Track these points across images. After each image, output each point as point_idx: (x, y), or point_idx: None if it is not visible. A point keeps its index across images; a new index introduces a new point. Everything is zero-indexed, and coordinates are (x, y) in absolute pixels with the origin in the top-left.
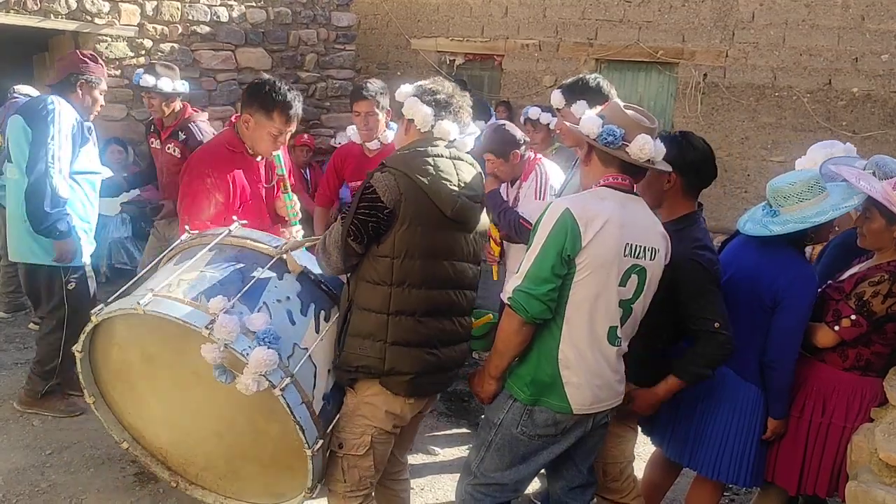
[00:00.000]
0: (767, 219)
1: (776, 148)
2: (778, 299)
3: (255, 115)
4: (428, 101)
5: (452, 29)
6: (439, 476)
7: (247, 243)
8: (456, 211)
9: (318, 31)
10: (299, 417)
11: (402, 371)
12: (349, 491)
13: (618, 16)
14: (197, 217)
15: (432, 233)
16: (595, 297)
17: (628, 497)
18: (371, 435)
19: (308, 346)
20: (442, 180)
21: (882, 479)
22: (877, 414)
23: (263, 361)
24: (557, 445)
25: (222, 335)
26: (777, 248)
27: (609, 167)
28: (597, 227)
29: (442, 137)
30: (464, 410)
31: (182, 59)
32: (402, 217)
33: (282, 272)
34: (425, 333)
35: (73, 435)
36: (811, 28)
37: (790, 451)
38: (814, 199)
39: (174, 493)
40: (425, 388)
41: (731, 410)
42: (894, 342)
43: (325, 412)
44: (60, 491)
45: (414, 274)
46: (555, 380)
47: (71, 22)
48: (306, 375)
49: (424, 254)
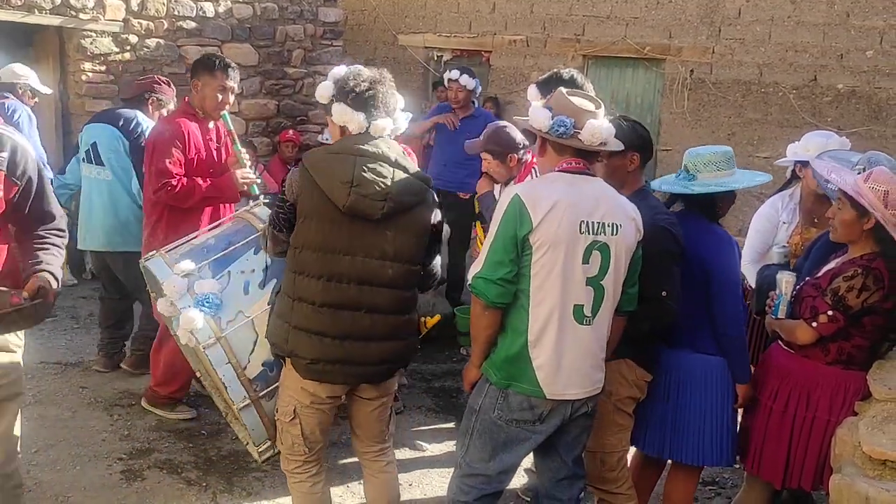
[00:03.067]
0: (687, 182)
1: (762, 144)
2: (707, 271)
3: (202, 78)
4: (356, 104)
5: (440, 25)
6: (427, 472)
7: (251, 218)
8: (349, 206)
9: (305, 26)
10: (222, 375)
11: (300, 355)
12: (287, 453)
13: (605, 12)
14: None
15: (328, 227)
16: (555, 275)
17: (622, 487)
18: (294, 405)
19: (251, 315)
20: (337, 176)
21: (865, 472)
22: (860, 408)
23: (189, 319)
24: (537, 434)
25: (169, 292)
26: (689, 221)
27: (563, 155)
28: (546, 207)
29: (378, 135)
30: (452, 406)
31: (168, 54)
32: (300, 210)
33: (260, 247)
34: (323, 323)
35: (59, 433)
36: (797, 24)
37: (775, 444)
38: (727, 171)
39: (161, 490)
40: (326, 376)
41: (702, 389)
42: (874, 335)
43: (265, 377)
44: (46, 489)
45: (310, 265)
46: (524, 361)
47: (55, 17)
48: (243, 341)
49: (319, 247)
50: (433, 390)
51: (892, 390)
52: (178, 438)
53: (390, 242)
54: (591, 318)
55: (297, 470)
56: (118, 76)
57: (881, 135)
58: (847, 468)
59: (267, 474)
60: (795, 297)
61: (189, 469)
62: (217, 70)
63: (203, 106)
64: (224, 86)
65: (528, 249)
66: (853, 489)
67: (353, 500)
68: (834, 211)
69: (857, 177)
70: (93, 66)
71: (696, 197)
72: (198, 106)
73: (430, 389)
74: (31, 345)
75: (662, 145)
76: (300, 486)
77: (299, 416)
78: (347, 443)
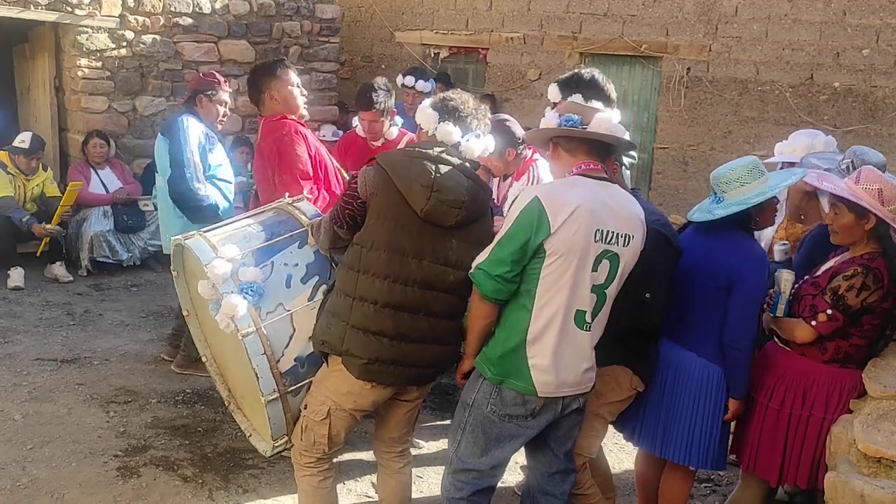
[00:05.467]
0: (713, 206)
1: (759, 142)
2: (731, 280)
3: (273, 84)
4: (436, 107)
5: (437, 22)
6: (424, 469)
7: (295, 212)
8: (427, 211)
9: (301, 23)
10: (256, 365)
11: (356, 354)
12: (304, 449)
13: (602, 9)
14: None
15: (401, 229)
16: (565, 281)
17: (583, 488)
18: (329, 407)
19: (292, 310)
20: (417, 179)
21: (860, 469)
22: (856, 405)
23: (232, 306)
24: (529, 429)
25: (213, 275)
26: (725, 232)
27: (576, 155)
28: (566, 213)
29: (444, 140)
30: (448, 404)
31: (164, 50)
32: (372, 209)
33: (304, 242)
34: (383, 323)
35: (55, 429)
36: (793, 23)
37: (771, 442)
38: (753, 183)
39: (157, 486)
40: (380, 377)
41: (697, 394)
42: (871, 334)
43: (295, 372)
44: (42, 486)
45: (378, 265)
46: (520, 358)
47: (51, 13)
48: (280, 333)
49: (390, 248)
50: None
51: (887, 388)
52: (175, 435)
53: (454, 250)
54: (591, 325)
55: (309, 464)
56: (114, 72)
57: (877, 133)
58: (842, 466)
59: (263, 471)
60: (794, 295)
61: (185, 466)
62: (279, 69)
63: (290, 110)
64: (294, 82)
65: (542, 254)
66: (848, 487)
67: (350, 499)
68: (831, 217)
69: (846, 180)
70: (89, 63)
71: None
72: (281, 111)
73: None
74: (26, 342)
75: (659, 143)
76: (310, 480)
77: (332, 418)
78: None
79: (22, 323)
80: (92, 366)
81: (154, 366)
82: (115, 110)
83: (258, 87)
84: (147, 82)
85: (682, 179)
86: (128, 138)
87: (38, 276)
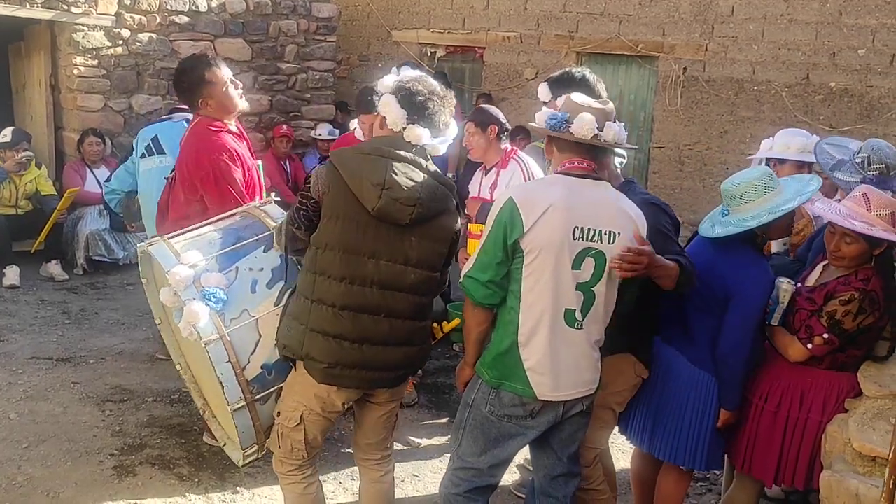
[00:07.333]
0: (720, 218)
1: (755, 142)
2: (729, 295)
3: (206, 91)
4: (403, 102)
5: (433, 21)
6: (420, 468)
7: (261, 215)
8: (379, 209)
9: (298, 21)
10: (220, 373)
11: (316, 358)
12: (284, 457)
13: (598, 9)
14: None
15: (354, 228)
16: (546, 279)
17: (594, 483)
18: (301, 412)
19: (257, 315)
20: (368, 177)
21: (856, 468)
22: (851, 405)
23: (194, 313)
24: (529, 430)
25: (174, 281)
26: (733, 246)
27: (565, 153)
28: (539, 212)
29: (412, 141)
30: (444, 402)
31: (160, 49)
32: (325, 209)
33: (270, 246)
34: (343, 326)
35: (51, 428)
36: (789, 23)
37: (767, 444)
38: (758, 199)
39: (153, 485)
40: (343, 381)
41: (686, 396)
42: (867, 345)
43: (263, 380)
44: (38, 485)
45: (333, 266)
46: (515, 360)
47: (47, 11)
48: (245, 340)
49: (344, 248)
50: (426, 387)
51: (882, 388)
52: (170, 434)
53: (414, 248)
54: (582, 322)
55: (292, 472)
56: (110, 71)
57: (873, 133)
58: (837, 465)
59: (259, 470)
60: (788, 306)
61: (181, 465)
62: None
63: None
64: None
65: (520, 253)
66: (843, 485)
67: (345, 497)
68: (838, 244)
69: (856, 204)
70: (84, 61)
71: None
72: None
73: (423, 386)
74: (22, 340)
75: (656, 142)
76: (294, 488)
77: (305, 423)
78: (340, 439)
79: (17, 321)
80: (87, 364)
81: (150, 364)
82: (111, 109)
83: (191, 96)
84: (143, 81)
85: (678, 179)
86: (124, 137)
87: (33, 274)
